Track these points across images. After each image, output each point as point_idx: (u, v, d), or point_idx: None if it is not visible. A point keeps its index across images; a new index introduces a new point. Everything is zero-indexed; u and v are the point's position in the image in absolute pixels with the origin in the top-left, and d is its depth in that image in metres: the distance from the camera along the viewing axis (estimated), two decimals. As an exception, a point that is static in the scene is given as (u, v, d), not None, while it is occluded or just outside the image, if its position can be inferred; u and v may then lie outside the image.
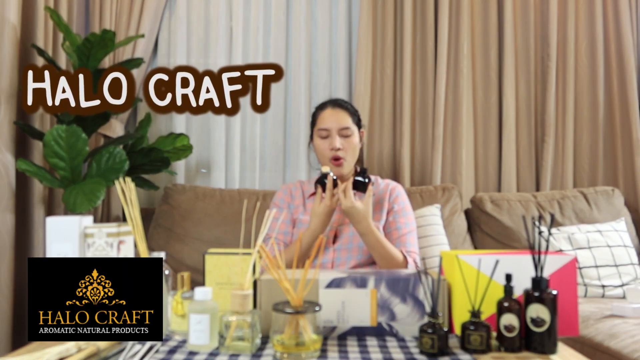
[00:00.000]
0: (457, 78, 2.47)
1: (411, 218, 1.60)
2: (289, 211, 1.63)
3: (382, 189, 1.65)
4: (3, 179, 1.70)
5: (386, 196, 1.62)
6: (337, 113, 1.60)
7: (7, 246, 1.70)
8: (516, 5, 2.52)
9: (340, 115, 1.59)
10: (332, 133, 1.57)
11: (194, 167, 2.50)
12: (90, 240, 1.06)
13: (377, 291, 1.02)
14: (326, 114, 1.61)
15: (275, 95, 2.51)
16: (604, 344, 1.45)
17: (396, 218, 1.57)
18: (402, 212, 1.59)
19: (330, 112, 1.61)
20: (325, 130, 1.57)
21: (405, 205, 1.62)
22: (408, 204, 1.64)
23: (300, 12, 2.50)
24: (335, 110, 1.60)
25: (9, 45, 1.72)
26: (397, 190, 1.64)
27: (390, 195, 1.63)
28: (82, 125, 1.81)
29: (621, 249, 2.04)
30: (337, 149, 1.55)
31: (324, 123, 1.58)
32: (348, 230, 1.54)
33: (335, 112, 1.60)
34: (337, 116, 1.59)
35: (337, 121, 1.58)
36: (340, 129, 1.57)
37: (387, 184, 1.67)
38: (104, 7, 2.27)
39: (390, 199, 1.62)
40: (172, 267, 2.02)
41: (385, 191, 1.63)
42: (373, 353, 0.92)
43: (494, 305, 0.96)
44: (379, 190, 1.65)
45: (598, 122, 2.51)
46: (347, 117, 1.60)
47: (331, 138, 1.56)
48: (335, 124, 1.57)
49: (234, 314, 0.92)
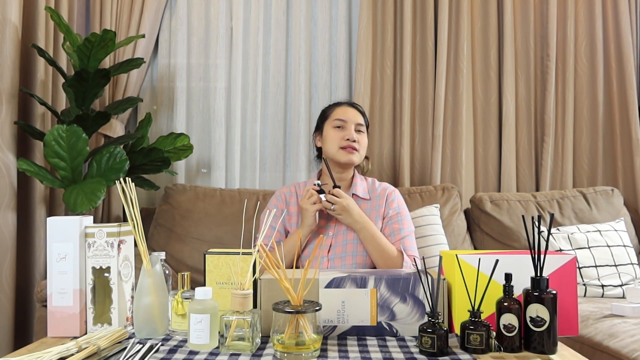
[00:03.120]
0: (457, 78, 2.47)
1: (407, 222, 1.61)
2: (280, 218, 1.63)
3: (378, 194, 1.64)
4: (4, 179, 1.70)
5: (382, 202, 1.62)
6: (354, 111, 1.68)
7: (8, 246, 1.70)
8: (516, 5, 2.52)
9: (357, 114, 1.67)
10: (348, 125, 1.63)
11: (195, 167, 2.50)
12: (91, 240, 1.06)
13: (377, 291, 1.03)
14: (343, 108, 1.68)
15: (275, 95, 2.51)
16: (604, 343, 1.45)
17: (390, 224, 1.58)
18: (397, 217, 1.60)
19: (348, 108, 1.68)
20: (342, 121, 1.63)
21: (401, 209, 1.62)
22: (404, 208, 1.64)
23: (300, 12, 2.50)
24: (353, 109, 1.68)
25: (10, 46, 1.73)
26: (393, 195, 1.64)
27: (387, 200, 1.63)
28: (83, 125, 1.81)
29: (621, 249, 2.04)
30: (353, 140, 1.60)
31: (342, 115, 1.65)
32: (342, 239, 1.54)
33: (353, 110, 1.68)
34: (354, 113, 1.67)
35: (354, 117, 1.66)
36: (356, 124, 1.64)
37: (384, 188, 1.66)
38: (104, 7, 2.27)
39: (386, 204, 1.62)
40: (172, 267, 2.03)
41: (382, 196, 1.63)
42: (373, 352, 0.92)
43: (493, 305, 0.96)
44: (376, 195, 1.64)
45: (598, 122, 2.51)
46: (361, 118, 1.68)
47: (347, 129, 1.62)
48: (353, 118, 1.65)
49: (234, 313, 0.92)
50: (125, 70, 2.00)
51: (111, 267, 1.06)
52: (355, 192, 1.62)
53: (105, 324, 1.05)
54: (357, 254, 1.52)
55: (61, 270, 1.04)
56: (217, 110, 2.47)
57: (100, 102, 2.24)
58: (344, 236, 1.53)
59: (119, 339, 0.99)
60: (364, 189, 1.64)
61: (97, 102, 2.20)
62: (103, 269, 1.06)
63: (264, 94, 2.52)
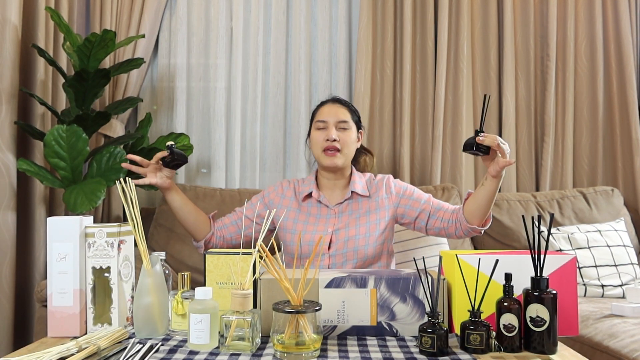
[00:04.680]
0: (457, 78, 2.47)
1: (419, 191, 1.61)
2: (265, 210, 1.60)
3: (377, 186, 1.60)
4: (4, 179, 1.70)
5: (382, 192, 1.59)
6: (336, 108, 1.60)
7: (8, 246, 1.70)
8: (516, 5, 2.52)
9: (339, 110, 1.59)
10: (329, 125, 1.56)
11: (195, 167, 2.50)
12: (91, 240, 1.06)
13: (377, 291, 1.03)
14: (325, 108, 1.61)
15: (275, 95, 2.51)
16: (604, 343, 1.45)
17: (411, 202, 1.57)
18: (412, 193, 1.59)
19: (329, 106, 1.61)
20: (323, 122, 1.57)
21: (407, 187, 1.61)
22: (406, 184, 1.63)
23: (300, 12, 2.50)
24: (335, 106, 1.61)
25: (10, 46, 1.73)
26: (391, 182, 1.61)
27: (387, 189, 1.60)
28: (83, 125, 1.81)
29: (621, 249, 2.04)
30: (332, 140, 1.54)
31: (322, 116, 1.59)
32: (343, 235, 1.53)
33: (335, 107, 1.60)
34: (335, 110, 1.59)
35: (335, 114, 1.58)
36: (337, 122, 1.57)
37: (380, 179, 1.63)
38: (104, 7, 2.27)
39: (391, 194, 1.59)
40: (172, 267, 2.03)
41: (380, 187, 1.60)
42: (373, 352, 0.92)
43: (493, 305, 0.96)
44: (375, 190, 1.60)
45: (598, 122, 2.51)
46: (346, 113, 1.60)
47: (327, 130, 1.56)
48: (334, 117, 1.57)
49: (234, 313, 0.92)
50: (125, 70, 2.00)
51: (111, 267, 1.06)
52: (354, 190, 1.58)
53: (105, 324, 1.05)
54: (359, 249, 1.51)
55: (61, 270, 1.05)
56: (217, 110, 2.47)
57: (100, 102, 2.24)
58: (346, 233, 1.53)
59: (119, 339, 0.99)
60: (363, 186, 1.60)
61: (97, 102, 2.20)
62: (103, 269, 1.06)
63: (264, 94, 2.52)
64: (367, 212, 1.56)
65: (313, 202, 1.60)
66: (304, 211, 1.59)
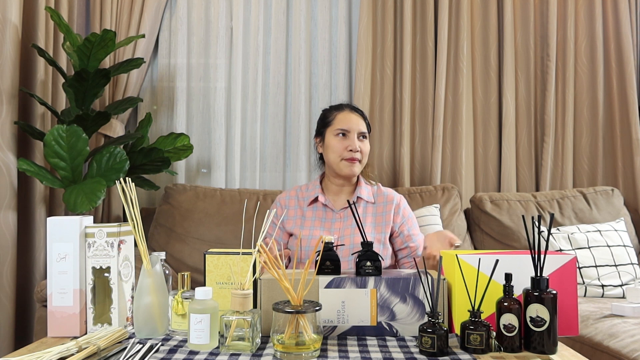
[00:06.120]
0: (457, 78, 2.47)
1: (416, 226, 1.65)
2: (280, 227, 1.62)
3: (385, 199, 1.62)
4: (4, 179, 1.70)
5: (390, 208, 1.60)
6: (357, 117, 1.61)
7: (9, 245, 1.70)
8: (516, 5, 2.52)
9: (359, 119, 1.61)
10: (351, 134, 1.58)
11: (195, 167, 2.50)
12: (91, 240, 1.06)
13: (377, 291, 1.03)
14: (345, 115, 1.61)
15: (275, 95, 2.51)
16: (604, 343, 1.45)
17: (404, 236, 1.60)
18: (411, 225, 1.62)
19: (350, 114, 1.61)
20: (345, 131, 1.58)
21: (411, 216, 1.64)
22: (411, 213, 1.66)
23: (300, 12, 2.50)
24: (356, 115, 1.62)
25: (10, 46, 1.73)
26: (402, 203, 1.63)
27: (396, 208, 1.61)
28: (83, 125, 1.81)
29: (621, 249, 2.04)
30: (356, 150, 1.56)
31: (344, 124, 1.59)
32: (349, 242, 1.53)
33: (356, 116, 1.61)
34: (357, 120, 1.60)
35: (357, 124, 1.59)
36: (360, 132, 1.59)
37: (391, 194, 1.64)
38: (104, 7, 2.27)
39: (395, 213, 1.60)
40: (172, 267, 2.03)
41: (390, 202, 1.61)
42: (373, 352, 0.92)
43: (493, 305, 0.96)
44: (382, 200, 1.61)
45: (598, 122, 2.51)
46: (363, 123, 1.62)
47: (350, 139, 1.57)
48: (356, 126, 1.59)
49: (234, 313, 0.92)
50: (125, 70, 2.00)
51: (111, 267, 1.06)
52: (360, 195, 1.59)
53: (105, 324, 1.05)
54: None
55: (61, 270, 1.04)
56: (217, 110, 2.47)
57: (100, 102, 2.24)
58: (351, 239, 1.53)
59: (119, 339, 0.99)
60: (369, 192, 1.62)
61: (97, 102, 2.20)
62: (103, 269, 1.06)
63: (264, 94, 2.52)
64: (372, 217, 1.58)
65: (319, 205, 1.61)
66: (308, 216, 1.60)
